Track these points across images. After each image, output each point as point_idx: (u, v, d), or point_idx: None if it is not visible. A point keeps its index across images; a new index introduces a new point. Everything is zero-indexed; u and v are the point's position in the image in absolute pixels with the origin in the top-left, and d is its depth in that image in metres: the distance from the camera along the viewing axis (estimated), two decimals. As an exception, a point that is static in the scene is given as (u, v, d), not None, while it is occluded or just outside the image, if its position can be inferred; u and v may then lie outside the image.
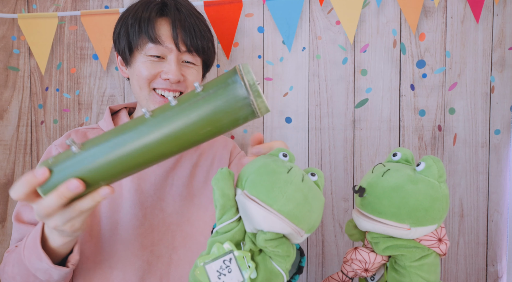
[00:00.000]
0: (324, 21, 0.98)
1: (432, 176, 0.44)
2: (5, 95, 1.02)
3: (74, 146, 0.43)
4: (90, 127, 0.78)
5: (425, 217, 0.43)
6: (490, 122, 0.97)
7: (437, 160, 0.44)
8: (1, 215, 1.03)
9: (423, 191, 0.43)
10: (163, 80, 0.69)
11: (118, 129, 0.44)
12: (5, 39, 1.01)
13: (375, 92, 0.98)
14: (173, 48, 0.69)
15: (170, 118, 0.43)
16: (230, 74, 0.44)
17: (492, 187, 0.98)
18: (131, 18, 0.70)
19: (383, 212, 0.44)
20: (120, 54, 0.74)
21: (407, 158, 0.49)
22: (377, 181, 0.45)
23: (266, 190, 0.40)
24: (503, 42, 0.96)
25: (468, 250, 0.99)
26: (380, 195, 0.44)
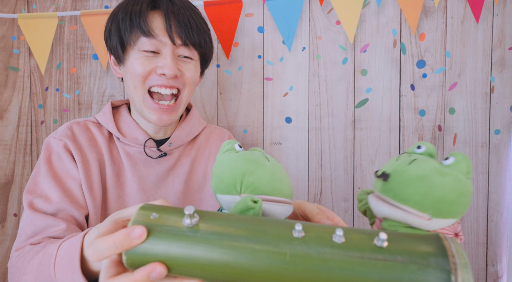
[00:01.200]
0: (324, 21, 0.98)
1: (461, 171, 0.44)
2: (5, 95, 1.02)
3: (190, 219, 0.33)
4: (89, 120, 0.74)
5: (448, 209, 0.43)
6: (490, 122, 0.97)
7: (466, 157, 0.45)
8: (1, 215, 1.03)
9: (450, 184, 0.43)
10: (158, 76, 0.65)
11: (255, 230, 0.33)
12: (5, 39, 1.01)
13: (375, 92, 0.98)
14: (168, 42, 0.65)
15: (328, 260, 0.30)
16: (437, 251, 0.30)
17: (492, 187, 0.98)
18: (121, 13, 0.66)
19: (407, 199, 0.44)
20: (112, 52, 0.69)
21: (431, 152, 0.49)
22: (404, 168, 0.45)
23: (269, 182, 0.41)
24: (503, 42, 0.96)
25: (468, 250, 0.99)
26: (406, 182, 0.44)
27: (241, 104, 1.01)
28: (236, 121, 1.02)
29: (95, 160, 0.68)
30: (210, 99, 1.02)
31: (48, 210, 0.61)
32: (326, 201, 1.01)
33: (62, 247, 0.49)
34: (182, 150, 0.76)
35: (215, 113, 1.02)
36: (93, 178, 0.66)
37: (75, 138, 0.68)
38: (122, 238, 0.32)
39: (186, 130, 0.76)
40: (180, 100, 0.69)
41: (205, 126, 0.83)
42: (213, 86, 1.01)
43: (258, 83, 1.00)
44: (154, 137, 0.74)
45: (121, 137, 0.71)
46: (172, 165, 0.74)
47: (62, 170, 0.65)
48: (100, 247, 0.33)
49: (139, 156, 0.72)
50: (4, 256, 1.03)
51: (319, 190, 1.01)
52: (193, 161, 0.76)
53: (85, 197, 0.65)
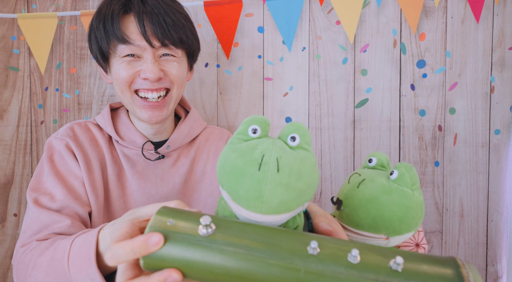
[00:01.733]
0: (324, 21, 0.98)
1: (405, 184, 0.44)
2: (5, 95, 1.02)
3: (206, 229, 0.33)
4: (90, 122, 0.75)
5: (400, 226, 0.44)
6: (490, 122, 0.97)
7: (409, 167, 0.45)
8: (1, 215, 1.03)
9: (397, 201, 0.44)
10: (142, 80, 0.65)
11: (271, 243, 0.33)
12: (5, 39, 1.01)
13: (375, 92, 0.98)
14: (146, 46, 0.63)
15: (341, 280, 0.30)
16: (454, 278, 0.30)
17: (492, 187, 0.98)
18: (96, 20, 0.65)
19: (360, 224, 0.45)
20: (96, 61, 0.70)
21: (382, 163, 0.50)
22: (353, 192, 0.46)
23: (243, 199, 0.35)
24: (503, 42, 0.96)
25: (468, 250, 0.99)
26: (357, 207, 0.45)
27: (241, 104, 1.01)
28: (236, 121, 1.01)
29: (96, 160, 0.68)
30: (210, 99, 1.02)
31: (53, 207, 0.62)
32: (326, 201, 1.01)
33: (76, 242, 0.49)
34: (181, 150, 0.76)
35: (215, 113, 1.02)
36: (95, 177, 0.67)
37: (76, 138, 0.69)
38: (140, 244, 0.33)
39: (184, 132, 0.76)
40: (170, 97, 0.69)
41: (205, 127, 0.83)
42: (213, 86, 1.01)
43: (258, 83, 1.00)
44: (152, 139, 0.74)
45: (119, 140, 0.71)
46: (171, 166, 0.74)
47: (64, 168, 0.66)
48: (118, 252, 0.34)
49: (138, 158, 0.72)
50: (4, 256, 1.03)
51: (319, 190, 1.01)
52: (192, 160, 0.76)
53: (88, 195, 0.65)
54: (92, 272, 0.45)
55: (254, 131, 0.37)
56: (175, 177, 0.73)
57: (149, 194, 0.70)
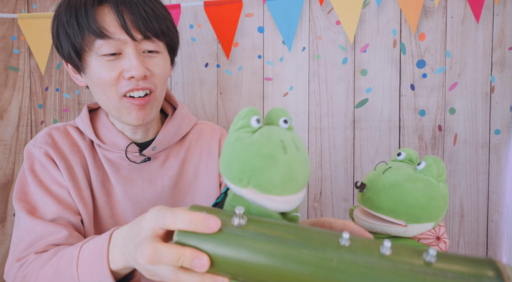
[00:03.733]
0: (324, 21, 0.98)
1: (431, 175, 0.45)
2: (5, 95, 1.02)
3: (239, 219, 0.34)
4: (69, 125, 0.68)
5: (421, 214, 0.45)
6: (490, 122, 0.97)
7: (438, 160, 0.46)
8: (1, 215, 1.03)
9: (420, 189, 0.44)
10: (127, 80, 0.58)
11: (302, 235, 0.33)
12: (5, 39, 1.01)
13: (375, 92, 0.98)
14: (127, 39, 0.56)
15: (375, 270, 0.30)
16: (491, 272, 0.30)
17: (492, 187, 0.98)
18: (65, 13, 0.57)
19: (381, 207, 0.46)
20: (67, 60, 0.61)
21: (411, 157, 0.51)
22: (378, 177, 0.47)
23: (278, 185, 0.36)
24: (503, 42, 0.96)
25: (468, 250, 0.99)
26: (379, 191, 0.46)
27: (241, 104, 1.01)
28: (236, 121, 1.02)
29: (79, 166, 0.63)
30: (210, 99, 1.02)
31: (47, 217, 0.58)
32: (326, 201, 1.01)
33: (85, 248, 0.46)
34: (169, 150, 0.70)
35: (215, 113, 1.02)
36: (80, 184, 0.63)
37: (56, 145, 0.64)
38: (200, 222, 0.33)
39: (172, 131, 0.69)
40: (154, 97, 0.62)
41: (195, 123, 0.76)
42: (213, 86, 1.01)
43: (258, 83, 1.00)
44: (137, 140, 0.68)
45: (101, 144, 0.65)
46: (159, 168, 0.68)
47: (47, 178, 0.62)
48: (181, 219, 0.33)
49: (122, 161, 0.66)
50: (4, 256, 1.03)
51: (319, 190, 1.01)
52: (182, 162, 0.70)
53: (76, 203, 0.61)
54: (104, 277, 0.42)
55: (258, 121, 0.39)
56: (164, 180, 0.68)
57: (136, 200, 0.66)
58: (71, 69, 0.64)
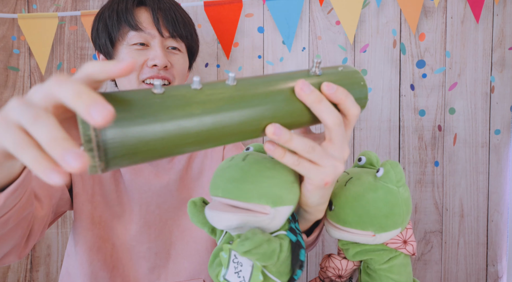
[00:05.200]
0: (324, 21, 0.98)
1: (390, 181, 0.45)
2: (5, 95, 1.02)
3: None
4: None
5: (386, 222, 0.45)
6: (490, 122, 0.97)
7: (395, 164, 0.45)
8: (1, 215, 1.03)
9: (382, 198, 0.44)
10: (149, 68, 0.67)
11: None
12: (5, 39, 1.01)
13: (375, 92, 0.98)
14: (156, 34, 0.67)
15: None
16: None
17: (492, 187, 0.98)
18: (107, 11, 0.68)
19: (348, 221, 0.46)
20: (102, 50, 0.71)
21: (371, 161, 0.51)
22: (340, 191, 0.47)
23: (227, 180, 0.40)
24: (503, 42, 0.96)
25: (468, 250, 0.99)
26: (343, 205, 0.46)
27: (241, 104, 1.01)
28: (236, 121, 1.02)
29: None
30: (210, 99, 1.02)
31: None
32: (326, 201, 1.01)
33: None
34: None
35: (215, 113, 1.02)
36: None
37: None
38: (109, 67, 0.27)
39: None
40: None
41: None
42: (213, 86, 1.01)
43: (258, 83, 1.00)
44: None
45: None
46: (166, 163, 0.73)
47: None
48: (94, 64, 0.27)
49: None
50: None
51: (319, 190, 1.01)
52: (189, 157, 0.75)
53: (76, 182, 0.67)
54: None
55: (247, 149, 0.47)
56: (170, 174, 0.73)
57: (142, 190, 0.70)
58: (102, 60, 0.71)
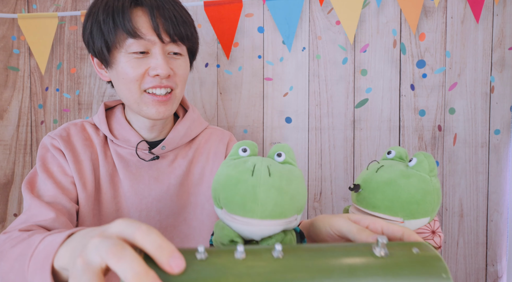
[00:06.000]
0: (324, 21, 0.98)
1: (423, 170, 0.45)
2: (5, 95, 1.02)
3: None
4: (87, 121, 0.73)
5: (417, 209, 0.45)
6: (490, 122, 0.97)
7: (428, 156, 0.46)
8: (1, 215, 1.03)
9: (415, 185, 0.44)
10: (151, 77, 0.63)
11: None
12: (5, 39, 1.01)
13: (375, 92, 0.98)
14: (156, 40, 0.62)
15: None
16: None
17: (492, 187, 0.98)
18: (102, 13, 0.62)
19: (377, 205, 0.46)
20: (97, 55, 0.66)
21: (401, 155, 0.51)
22: (371, 176, 0.47)
23: (239, 205, 0.37)
24: (503, 42, 0.96)
25: (468, 250, 0.99)
26: (374, 190, 0.46)
27: (241, 104, 1.01)
28: (236, 122, 1.02)
29: (88, 160, 0.67)
30: (210, 99, 1.02)
31: (45, 199, 0.62)
32: (326, 201, 1.01)
33: (45, 240, 0.44)
34: (178, 151, 0.73)
35: (215, 113, 1.02)
36: (86, 176, 0.66)
37: (69, 139, 0.68)
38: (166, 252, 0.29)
39: (181, 132, 0.73)
40: (174, 95, 0.67)
41: (206, 127, 0.80)
42: (213, 86, 1.01)
43: (258, 83, 1.00)
44: (148, 139, 0.72)
45: (113, 139, 0.70)
46: (167, 167, 0.71)
47: (54, 165, 0.66)
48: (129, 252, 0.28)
49: (131, 157, 0.70)
50: (4, 256, 1.03)
51: (319, 190, 1.01)
52: (190, 162, 0.73)
53: (78, 192, 0.65)
54: (44, 273, 0.39)
55: (244, 150, 0.40)
56: (171, 178, 0.71)
57: (142, 196, 0.69)
58: (97, 64, 0.69)
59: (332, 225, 0.42)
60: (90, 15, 0.64)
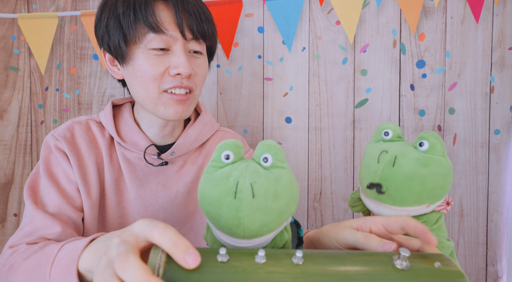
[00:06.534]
0: (324, 21, 0.98)
1: (438, 153, 0.45)
2: (5, 95, 1.02)
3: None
4: (92, 119, 0.68)
5: (441, 193, 0.46)
6: (490, 122, 0.97)
7: (437, 136, 0.45)
8: (1, 215, 1.03)
9: (436, 172, 0.44)
10: (172, 77, 0.59)
11: None
12: (5, 39, 1.01)
13: (375, 92, 0.98)
14: (179, 37, 0.58)
15: None
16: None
17: (492, 187, 0.98)
18: (121, 5, 0.58)
19: (405, 201, 0.45)
20: (112, 51, 0.61)
21: (398, 134, 0.50)
22: (389, 172, 0.45)
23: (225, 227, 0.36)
24: (503, 42, 0.96)
25: (468, 250, 0.99)
26: (399, 186, 0.45)
27: (241, 104, 1.01)
28: (236, 122, 1.02)
29: (93, 163, 0.64)
30: (210, 99, 1.02)
31: (49, 210, 0.59)
32: (326, 201, 1.01)
33: (64, 248, 0.45)
34: (187, 156, 0.70)
35: (215, 114, 1.02)
36: (90, 182, 0.63)
37: (73, 140, 0.64)
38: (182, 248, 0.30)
39: (193, 137, 0.69)
40: (193, 96, 0.64)
41: (217, 129, 0.76)
42: (213, 86, 1.01)
43: (258, 83, 1.01)
44: (157, 143, 0.68)
45: (121, 142, 0.65)
46: (175, 173, 0.68)
47: (58, 170, 0.62)
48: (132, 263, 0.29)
49: (139, 162, 0.66)
50: (4, 256, 1.03)
51: (319, 190, 1.01)
52: (199, 168, 0.69)
53: (83, 200, 0.62)
54: (70, 280, 0.40)
55: (227, 157, 0.37)
56: (179, 186, 0.67)
57: (148, 203, 0.65)
58: (109, 61, 0.64)
59: (338, 238, 0.42)
60: (105, 7, 0.60)
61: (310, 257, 0.31)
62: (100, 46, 0.64)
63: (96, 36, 0.63)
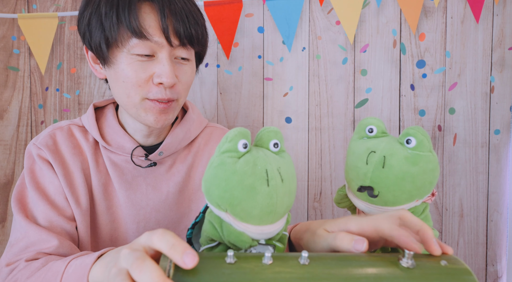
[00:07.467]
0: (324, 21, 0.98)
1: (426, 149, 0.45)
2: (5, 95, 1.02)
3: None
4: (74, 124, 0.66)
5: (430, 187, 0.46)
6: (490, 122, 0.97)
7: (422, 131, 0.45)
8: (1, 215, 1.03)
9: (424, 168, 0.45)
10: (155, 86, 0.56)
11: None
12: (5, 39, 1.01)
13: (375, 92, 0.98)
14: (164, 43, 0.54)
15: None
16: None
17: (492, 187, 0.98)
18: (105, 4, 0.54)
19: (397, 201, 0.46)
20: (93, 50, 0.57)
21: (382, 129, 0.49)
22: (380, 174, 0.45)
23: (256, 217, 0.35)
24: (503, 42, 0.96)
25: (468, 250, 0.99)
26: (390, 188, 0.45)
27: (241, 104, 1.01)
28: (236, 122, 1.02)
29: (79, 170, 0.61)
30: (210, 99, 1.02)
31: (41, 223, 0.57)
32: (326, 201, 1.01)
33: (71, 264, 0.45)
34: (176, 155, 0.68)
35: (215, 113, 1.02)
36: (78, 190, 0.61)
37: (56, 148, 0.61)
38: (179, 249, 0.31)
39: (180, 136, 0.66)
40: (176, 104, 0.61)
41: (205, 126, 0.74)
42: (213, 86, 1.01)
43: (258, 83, 1.01)
44: (143, 144, 0.65)
45: (106, 145, 0.63)
46: (164, 173, 0.66)
47: (44, 180, 0.60)
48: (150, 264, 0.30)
49: (127, 164, 0.64)
50: (4, 256, 1.03)
51: (319, 190, 1.01)
52: (189, 167, 0.68)
53: (72, 209, 0.60)
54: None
55: (245, 146, 0.37)
56: (169, 186, 0.65)
57: (139, 206, 0.63)
58: (91, 59, 0.62)
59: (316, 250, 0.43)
60: (89, 3, 0.56)
61: (316, 257, 0.32)
62: (82, 42, 0.60)
63: (78, 31, 0.59)
